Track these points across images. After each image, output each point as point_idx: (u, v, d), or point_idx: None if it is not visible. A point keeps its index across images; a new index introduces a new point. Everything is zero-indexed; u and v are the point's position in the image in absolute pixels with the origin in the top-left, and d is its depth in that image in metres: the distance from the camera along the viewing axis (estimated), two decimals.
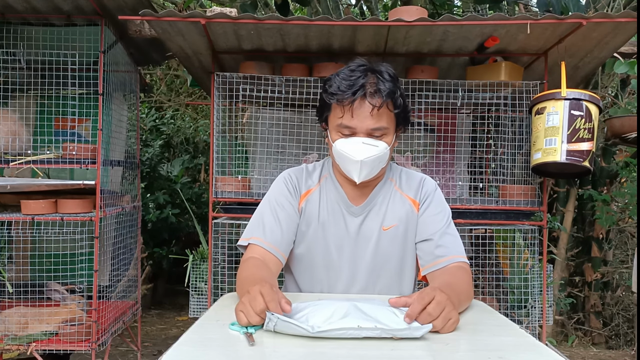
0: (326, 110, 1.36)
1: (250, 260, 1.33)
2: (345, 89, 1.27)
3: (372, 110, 1.27)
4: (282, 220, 1.40)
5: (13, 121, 2.49)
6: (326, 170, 1.48)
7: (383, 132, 1.31)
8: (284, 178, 1.47)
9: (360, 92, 1.26)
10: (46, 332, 2.44)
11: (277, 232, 1.38)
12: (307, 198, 1.44)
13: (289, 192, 1.44)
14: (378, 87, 1.27)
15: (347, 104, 1.28)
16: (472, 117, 2.93)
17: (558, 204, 4.16)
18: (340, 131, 1.32)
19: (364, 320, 0.98)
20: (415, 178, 1.47)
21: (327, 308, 1.04)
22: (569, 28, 2.15)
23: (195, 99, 5.77)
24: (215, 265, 2.48)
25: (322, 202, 1.44)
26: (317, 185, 1.46)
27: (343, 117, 1.30)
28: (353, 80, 1.27)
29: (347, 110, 1.28)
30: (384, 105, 1.28)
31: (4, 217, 2.39)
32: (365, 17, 4.19)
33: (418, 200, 1.43)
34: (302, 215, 1.43)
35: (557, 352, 1.07)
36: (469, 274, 1.34)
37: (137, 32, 2.61)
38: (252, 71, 2.42)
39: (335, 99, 1.29)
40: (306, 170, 1.49)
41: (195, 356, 0.90)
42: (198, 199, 4.68)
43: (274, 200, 1.43)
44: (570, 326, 4.26)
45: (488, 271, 2.76)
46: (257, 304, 1.01)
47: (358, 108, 1.28)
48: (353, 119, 1.29)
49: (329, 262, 1.42)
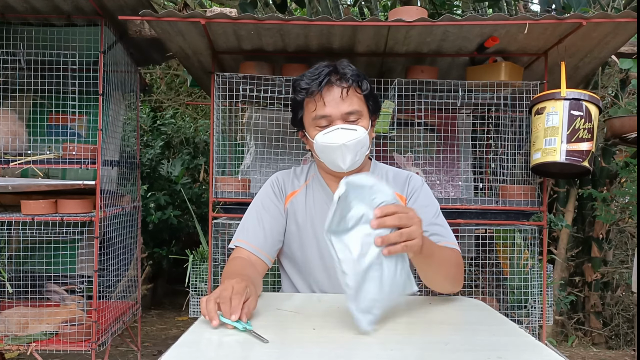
0: (299, 110, 1.42)
1: (236, 260, 1.37)
2: (311, 80, 1.34)
3: (342, 93, 1.33)
4: (266, 222, 1.43)
5: (13, 121, 2.49)
6: (313, 170, 1.52)
7: (358, 117, 1.36)
8: (271, 181, 1.52)
9: (326, 79, 1.33)
10: (46, 332, 2.44)
11: (260, 234, 1.42)
12: (291, 199, 1.48)
13: (274, 194, 1.48)
14: (343, 71, 1.34)
15: (317, 93, 1.33)
16: (472, 117, 2.92)
17: (558, 204, 4.16)
18: (317, 124, 1.36)
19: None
20: (402, 175, 1.50)
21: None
22: (568, 28, 2.15)
23: (195, 99, 5.77)
24: (215, 265, 2.48)
25: (309, 202, 1.46)
26: (303, 186, 1.50)
27: (316, 107, 1.35)
28: (317, 74, 1.35)
29: (319, 99, 1.34)
30: (352, 88, 1.34)
31: (4, 217, 2.39)
32: (365, 17, 4.19)
33: (405, 195, 1.45)
34: (288, 216, 1.47)
35: (557, 352, 1.07)
36: (459, 256, 1.36)
37: (137, 32, 2.61)
38: (252, 71, 2.42)
39: (305, 93, 1.35)
40: (294, 172, 1.54)
41: (195, 356, 0.90)
42: (198, 199, 4.68)
43: (259, 203, 1.48)
44: (570, 326, 4.26)
45: (488, 271, 2.76)
46: (225, 295, 1.04)
47: (328, 95, 1.33)
48: (326, 106, 1.34)
49: (320, 261, 1.44)
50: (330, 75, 1.34)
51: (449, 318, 1.17)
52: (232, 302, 1.03)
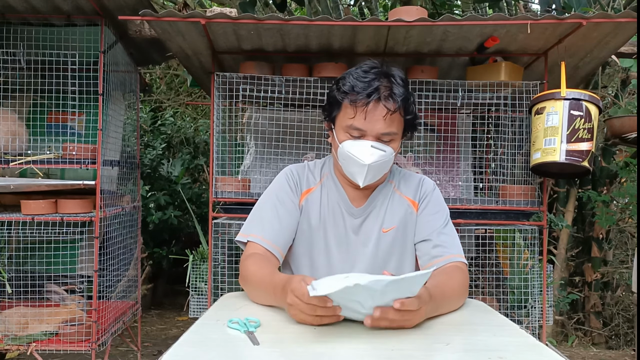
0: (336, 109, 1.34)
1: (254, 257, 1.32)
2: (360, 89, 1.25)
3: (386, 115, 1.26)
4: (282, 217, 1.38)
5: (13, 121, 2.49)
6: (327, 169, 1.47)
7: (392, 137, 1.30)
8: (286, 174, 1.45)
9: (375, 94, 1.24)
10: (46, 332, 2.44)
11: (277, 229, 1.37)
12: (307, 196, 1.43)
13: (290, 189, 1.42)
14: (392, 91, 1.26)
15: (361, 106, 1.25)
16: (472, 117, 2.93)
17: (558, 204, 4.16)
18: (349, 132, 1.30)
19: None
20: (414, 179, 1.47)
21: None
22: (569, 28, 2.15)
23: (195, 98, 5.77)
24: (215, 265, 2.48)
25: (323, 202, 1.43)
26: (318, 184, 1.45)
27: (355, 118, 1.27)
28: (367, 82, 1.25)
29: (360, 111, 1.26)
30: (397, 110, 1.26)
31: (4, 217, 2.39)
32: (365, 17, 4.19)
33: (417, 200, 1.43)
34: (302, 214, 1.42)
35: (557, 352, 1.07)
36: (464, 273, 1.34)
37: (137, 32, 2.61)
38: (252, 71, 2.42)
39: (349, 99, 1.27)
40: (308, 167, 1.48)
41: (195, 356, 0.90)
42: (198, 199, 4.68)
43: (274, 196, 1.41)
44: (570, 326, 4.26)
45: (488, 271, 2.76)
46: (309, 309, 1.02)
47: (372, 111, 1.26)
48: (365, 121, 1.27)
49: (328, 262, 1.41)
50: (380, 90, 1.25)
51: (449, 318, 1.17)
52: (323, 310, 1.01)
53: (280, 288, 1.12)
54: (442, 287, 1.19)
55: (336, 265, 1.41)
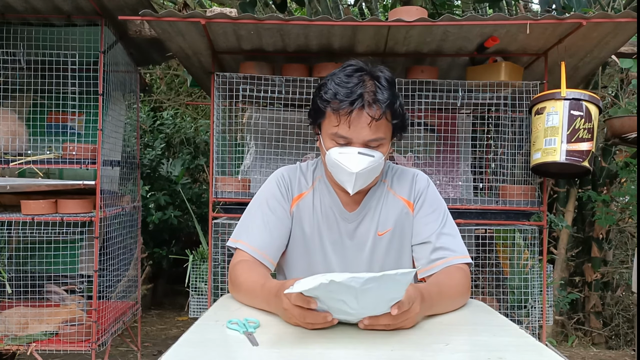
0: (320, 116, 1.29)
1: (243, 264, 1.30)
2: (342, 97, 1.19)
3: (370, 122, 1.21)
4: (272, 225, 1.35)
5: (13, 121, 2.49)
6: (319, 172, 1.43)
7: (380, 143, 1.25)
8: (277, 178, 1.41)
9: (359, 102, 1.19)
10: (46, 332, 2.44)
11: (266, 237, 1.33)
12: (298, 202, 1.39)
13: (280, 195, 1.38)
14: (377, 96, 1.20)
15: (344, 114, 1.20)
16: (472, 117, 2.93)
17: (558, 204, 4.16)
18: (334, 140, 1.25)
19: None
20: (407, 176, 1.42)
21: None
22: (568, 28, 2.15)
23: (195, 99, 5.77)
24: (215, 266, 2.48)
25: (316, 207, 1.39)
26: (310, 189, 1.41)
27: (339, 126, 1.22)
28: (350, 88, 1.20)
29: (344, 120, 1.20)
30: (383, 117, 1.21)
31: (4, 217, 2.39)
32: (365, 17, 4.19)
33: (412, 200, 1.38)
34: (294, 221, 1.38)
35: (557, 353, 1.07)
36: (465, 272, 1.31)
37: (137, 32, 2.61)
38: (252, 71, 2.42)
39: (331, 108, 1.23)
40: (300, 170, 1.44)
41: (195, 356, 0.90)
42: (198, 199, 4.68)
43: (265, 203, 1.37)
44: (570, 326, 4.26)
45: (488, 271, 2.76)
46: (311, 317, 1.01)
47: (355, 119, 1.20)
48: (350, 130, 1.22)
49: (327, 268, 1.37)
50: (364, 97, 1.19)
51: (449, 318, 1.17)
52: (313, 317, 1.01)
53: (273, 294, 1.11)
54: (438, 285, 1.18)
55: (334, 271, 1.37)
